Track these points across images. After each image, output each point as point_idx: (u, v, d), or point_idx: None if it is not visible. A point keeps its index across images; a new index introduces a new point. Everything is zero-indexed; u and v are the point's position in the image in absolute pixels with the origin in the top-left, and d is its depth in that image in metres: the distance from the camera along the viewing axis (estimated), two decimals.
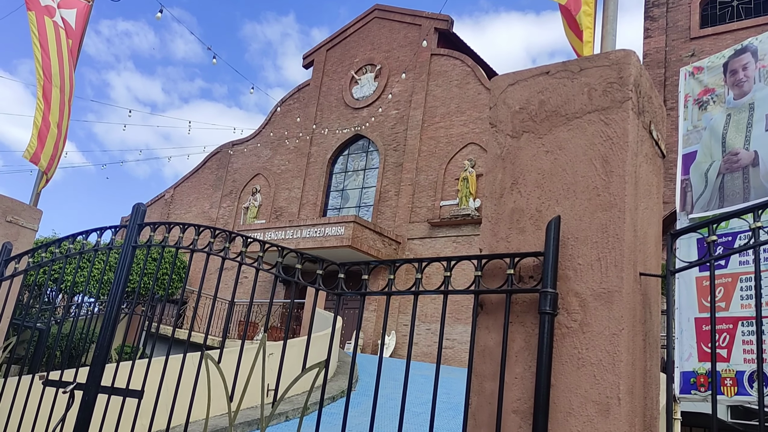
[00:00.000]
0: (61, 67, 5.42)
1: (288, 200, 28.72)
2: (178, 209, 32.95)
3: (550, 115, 2.49)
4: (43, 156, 5.27)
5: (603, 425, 2.04)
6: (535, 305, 2.26)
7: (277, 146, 30.39)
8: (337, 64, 29.77)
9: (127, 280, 3.67)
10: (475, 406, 2.32)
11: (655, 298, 2.46)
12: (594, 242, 2.23)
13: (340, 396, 10.99)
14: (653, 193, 2.55)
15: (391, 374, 10.51)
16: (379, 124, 26.81)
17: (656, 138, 2.57)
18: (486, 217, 2.55)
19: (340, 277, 2.88)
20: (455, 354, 20.24)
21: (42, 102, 5.25)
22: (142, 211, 3.81)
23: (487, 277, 2.41)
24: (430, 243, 22.96)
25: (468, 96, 24.45)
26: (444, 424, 8.52)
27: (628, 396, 2.08)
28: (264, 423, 2.97)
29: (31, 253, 4.35)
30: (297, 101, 30.77)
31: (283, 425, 8.88)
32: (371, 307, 23.12)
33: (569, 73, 2.48)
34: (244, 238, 3.36)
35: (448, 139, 24.30)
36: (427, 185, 24.22)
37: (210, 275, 26.74)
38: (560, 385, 2.15)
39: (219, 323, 20.64)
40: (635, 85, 2.36)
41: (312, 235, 22.46)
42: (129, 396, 3.30)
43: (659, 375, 2.50)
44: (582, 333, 2.16)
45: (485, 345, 2.36)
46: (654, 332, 2.41)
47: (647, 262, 2.39)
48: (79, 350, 3.69)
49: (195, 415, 7.51)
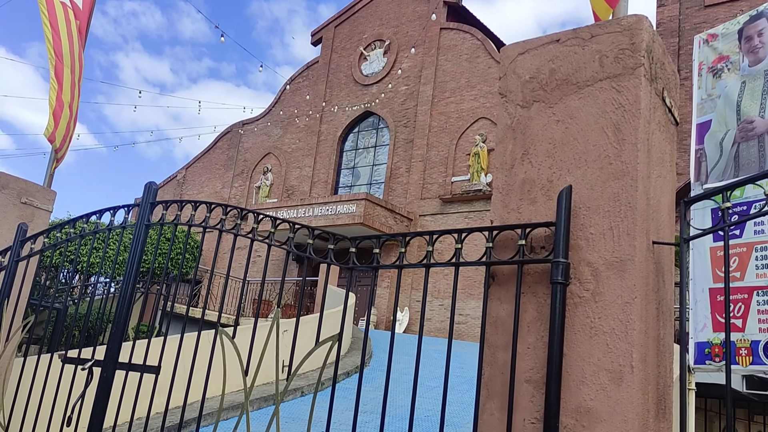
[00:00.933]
0: (71, 48, 5.42)
1: (299, 179, 28.75)
2: (191, 190, 33.10)
3: (560, 83, 2.45)
4: (57, 135, 5.30)
5: (616, 393, 2.04)
6: (546, 275, 2.25)
7: (287, 125, 30.35)
8: (345, 41, 29.55)
9: (141, 259, 3.70)
10: (488, 376, 2.33)
11: (668, 266, 2.44)
12: (606, 211, 2.22)
13: (354, 371, 11.09)
14: (666, 161, 2.52)
15: (405, 349, 10.58)
16: (389, 101, 26.66)
17: (669, 105, 2.53)
18: (497, 188, 2.53)
19: (352, 251, 2.89)
20: (468, 329, 20.33)
21: (55, 81, 5.27)
22: (154, 189, 3.83)
23: (499, 249, 2.41)
24: (441, 219, 22.95)
25: (478, 70, 24.22)
26: (458, 398, 8.60)
27: (641, 364, 2.08)
28: (279, 397, 3.00)
29: (46, 233, 4.39)
30: (306, 79, 30.63)
31: (298, 400, 8.99)
32: (384, 283, 23.22)
33: (580, 41, 2.44)
34: (255, 214, 3.37)
35: (458, 114, 24.14)
36: (438, 161, 24.13)
37: (223, 254, 26.93)
38: (573, 354, 2.15)
39: (233, 302, 20.82)
40: (647, 51, 2.32)
41: (324, 213, 22.51)
42: (146, 372, 3.34)
43: (672, 343, 2.49)
44: (594, 302, 2.16)
45: (497, 316, 2.37)
46: (667, 301, 2.40)
47: (660, 230, 2.38)
48: (97, 330, 3.74)
49: (211, 392, 7.63)
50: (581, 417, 2.08)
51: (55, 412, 3.86)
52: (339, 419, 7.14)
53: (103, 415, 3.41)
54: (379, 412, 2.33)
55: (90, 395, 3.54)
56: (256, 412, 7.89)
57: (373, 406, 8.39)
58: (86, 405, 3.53)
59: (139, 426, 6.12)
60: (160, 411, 6.64)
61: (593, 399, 2.07)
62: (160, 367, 3.32)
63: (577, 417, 2.09)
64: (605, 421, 2.03)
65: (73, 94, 5.47)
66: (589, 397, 2.08)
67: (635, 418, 2.01)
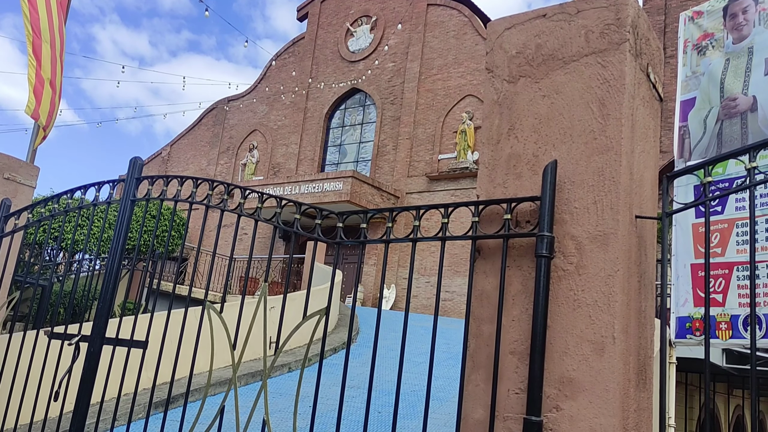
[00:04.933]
0: (50, 22, 5.32)
1: (285, 156, 28.60)
2: (176, 167, 32.84)
3: (546, 58, 2.46)
4: (41, 112, 5.23)
5: (598, 363, 2.08)
6: (531, 249, 2.28)
7: (273, 101, 30.11)
8: (332, 16, 29.24)
9: (127, 235, 3.68)
10: (474, 348, 2.37)
11: (650, 240, 2.48)
12: (590, 185, 2.24)
13: (341, 347, 11.17)
14: (650, 137, 2.54)
15: (392, 326, 10.66)
16: (375, 78, 26.50)
17: (653, 81, 2.55)
18: (483, 163, 2.55)
19: (339, 226, 2.90)
20: (454, 306, 20.49)
21: (33, 58, 5.17)
22: (139, 165, 3.81)
23: (485, 223, 2.43)
24: (428, 197, 22.97)
25: (465, 47, 24.10)
26: (444, 373, 8.70)
27: (622, 335, 2.12)
28: (266, 371, 3.03)
29: (30, 208, 4.36)
30: (292, 55, 30.33)
31: (286, 376, 9.05)
32: (371, 261, 23.29)
33: (566, 16, 2.45)
34: (242, 189, 3.36)
35: (445, 91, 24.06)
36: (425, 139, 24.09)
37: (210, 232, 26.85)
38: (556, 326, 2.19)
39: (219, 279, 20.82)
40: (633, 27, 2.34)
41: (310, 190, 22.46)
42: (133, 346, 3.35)
43: (654, 316, 2.54)
44: (578, 275, 2.19)
45: (483, 289, 2.40)
46: (649, 274, 2.44)
47: (643, 205, 2.41)
48: (82, 307, 3.74)
49: (199, 368, 7.66)
50: (564, 387, 2.12)
51: (42, 387, 3.87)
52: (327, 394, 7.21)
53: (91, 390, 3.42)
54: (366, 387, 2.36)
55: (77, 371, 3.55)
56: (244, 388, 7.94)
57: (360, 381, 8.47)
58: (74, 381, 3.54)
59: (126, 401, 6.14)
60: (147, 387, 6.67)
61: (576, 369, 2.12)
62: (148, 341, 3.33)
63: (560, 387, 2.13)
64: (587, 391, 2.08)
65: (55, 70, 5.38)
66: (571, 367, 2.13)
67: (616, 388, 2.06)
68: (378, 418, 6.91)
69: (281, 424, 6.38)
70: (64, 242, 12.80)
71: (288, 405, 7.22)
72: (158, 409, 6.81)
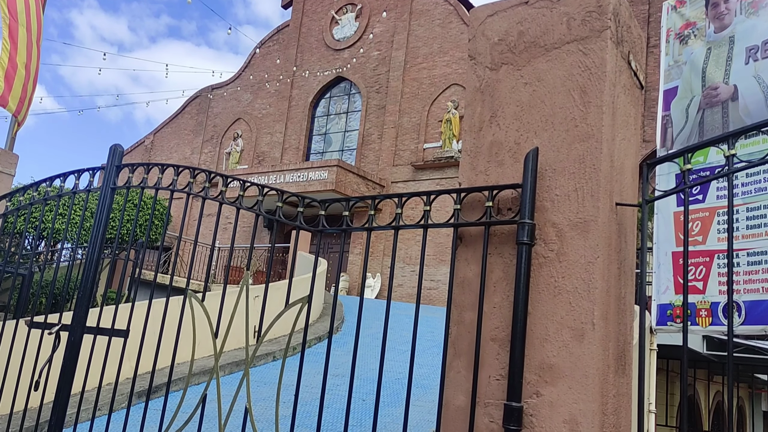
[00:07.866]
0: (26, 5, 5.22)
1: (270, 145, 28.45)
2: (159, 155, 32.54)
3: (529, 46, 2.46)
4: (11, 99, 5.11)
5: (578, 349, 2.10)
6: (513, 236, 2.29)
7: (257, 90, 29.89)
8: (316, 4, 29.02)
9: (108, 223, 3.64)
10: (455, 335, 2.38)
11: (630, 227, 2.50)
12: (571, 173, 2.25)
13: (325, 336, 11.18)
14: (631, 124, 2.55)
15: (377, 315, 10.67)
16: (360, 66, 26.38)
17: (635, 68, 2.56)
18: (465, 151, 2.55)
19: (321, 214, 2.89)
20: (439, 294, 20.57)
21: (8, 42, 5.06)
22: (119, 152, 3.76)
23: (467, 211, 2.43)
24: (414, 186, 22.98)
25: (451, 36, 24.05)
26: (427, 361, 8.74)
27: (602, 321, 2.14)
28: (249, 360, 3.02)
29: (8, 196, 4.29)
30: (276, 43, 30.10)
31: (270, 365, 9.04)
32: (356, 250, 23.29)
33: (548, 3, 2.44)
34: (224, 177, 3.33)
35: (431, 80, 24.02)
36: (410, 128, 24.06)
37: (192, 221, 26.68)
38: (537, 313, 2.20)
39: (202, 268, 20.72)
40: (614, 14, 2.34)
41: (295, 179, 22.37)
42: (115, 335, 3.33)
43: (633, 303, 2.56)
44: (558, 262, 2.20)
45: (464, 276, 2.40)
46: (629, 261, 2.46)
47: (623, 192, 2.42)
48: (63, 297, 3.69)
49: (181, 357, 7.62)
50: (544, 373, 2.14)
51: (22, 377, 3.83)
52: (311, 383, 7.22)
53: (71, 379, 3.39)
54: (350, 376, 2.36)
55: (58, 360, 3.52)
56: (227, 377, 7.93)
57: (344, 369, 8.49)
58: (54, 370, 3.51)
59: (107, 391, 6.11)
60: (129, 376, 6.63)
61: (556, 355, 2.13)
62: (129, 330, 3.30)
63: (540, 373, 2.14)
64: (567, 377, 2.09)
65: (30, 55, 5.28)
66: (552, 353, 2.14)
67: (596, 374, 2.07)
68: (362, 405, 6.93)
69: (264, 412, 6.38)
70: (44, 231, 12.66)
71: (271, 393, 7.22)
72: (140, 399, 6.78)
